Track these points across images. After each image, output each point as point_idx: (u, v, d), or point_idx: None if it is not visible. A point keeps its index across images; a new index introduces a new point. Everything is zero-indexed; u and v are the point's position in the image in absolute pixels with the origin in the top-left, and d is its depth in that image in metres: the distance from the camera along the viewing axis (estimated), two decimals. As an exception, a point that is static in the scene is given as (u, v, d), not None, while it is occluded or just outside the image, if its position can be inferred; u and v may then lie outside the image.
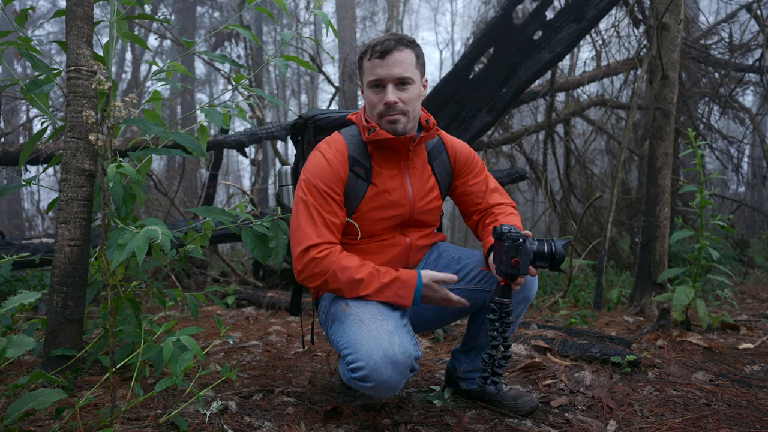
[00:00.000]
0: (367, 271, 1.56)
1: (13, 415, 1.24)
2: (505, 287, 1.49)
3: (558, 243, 1.48)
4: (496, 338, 1.50)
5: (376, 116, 1.65)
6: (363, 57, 1.66)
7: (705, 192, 2.84)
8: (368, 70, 1.63)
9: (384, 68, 1.60)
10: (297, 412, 1.72)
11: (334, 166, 1.63)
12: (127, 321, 1.93)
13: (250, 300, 4.08)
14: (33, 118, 6.06)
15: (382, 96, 1.62)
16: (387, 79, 1.60)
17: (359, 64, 1.70)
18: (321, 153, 1.66)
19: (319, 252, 1.57)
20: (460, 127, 3.86)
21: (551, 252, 1.47)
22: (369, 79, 1.63)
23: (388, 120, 1.63)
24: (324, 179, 1.62)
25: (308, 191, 1.62)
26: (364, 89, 1.69)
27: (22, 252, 3.36)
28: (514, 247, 1.43)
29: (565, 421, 1.73)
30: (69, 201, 1.86)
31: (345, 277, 1.54)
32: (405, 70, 1.61)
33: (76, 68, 1.86)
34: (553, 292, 4.77)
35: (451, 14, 23.03)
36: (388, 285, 1.55)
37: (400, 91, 1.62)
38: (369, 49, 1.63)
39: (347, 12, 8.08)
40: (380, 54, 1.59)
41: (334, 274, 1.55)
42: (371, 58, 1.61)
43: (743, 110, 6.07)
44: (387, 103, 1.60)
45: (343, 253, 1.60)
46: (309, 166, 1.66)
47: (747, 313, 3.73)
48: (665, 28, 3.55)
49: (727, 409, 1.82)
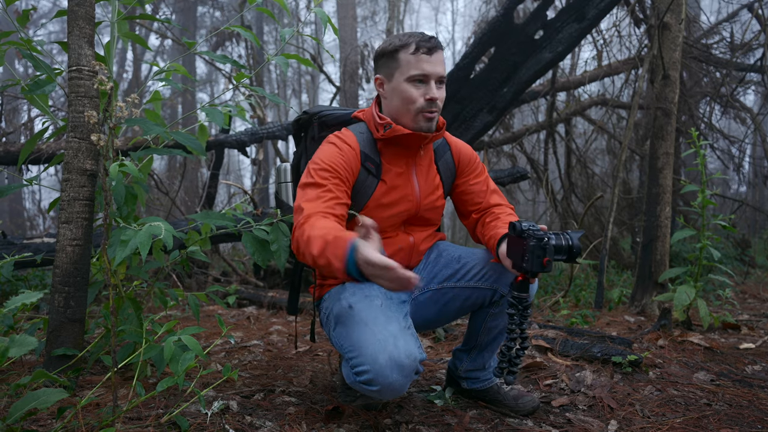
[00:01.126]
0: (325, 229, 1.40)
1: (15, 414, 1.24)
2: (523, 282, 1.51)
3: (574, 236, 1.49)
4: (514, 331, 1.52)
5: (413, 111, 1.62)
6: (399, 50, 1.62)
7: (706, 192, 2.83)
8: (411, 63, 1.60)
9: (431, 65, 1.60)
10: (298, 412, 1.72)
11: (347, 157, 1.62)
12: (128, 321, 1.93)
13: (251, 300, 4.08)
14: (34, 118, 6.07)
15: (425, 91, 1.61)
16: (432, 76, 1.60)
17: (391, 56, 1.63)
18: (334, 144, 1.64)
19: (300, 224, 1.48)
20: (461, 126, 3.86)
21: (569, 245, 1.48)
22: (413, 73, 1.60)
23: (426, 116, 1.62)
24: (333, 163, 1.58)
25: (314, 172, 1.57)
26: (393, 83, 1.64)
27: (23, 252, 3.36)
28: (540, 246, 1.43)
29: (566, 420, 1.73)
30: (71, 201, 1.86)
31: (306, 234, 1.41)
32: (444, 70, 1.64)
33: (77, 68, 1.86)
34: (554, 292, 4.77)
35: (452, 13, 23.03)
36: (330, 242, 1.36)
37: (439, 90, 1.63)
38: (412, 44, 1.60)
39: (348, 11, 8.08)
40: (428, 50, 1.59)
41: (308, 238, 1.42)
42: (416, 52, 1.60)
43: (744, 110, 6.07)
44: (431, 99, 1.60)
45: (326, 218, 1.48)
46: (320, 153, 1.62)
47: (748, 313, 3.73)
48: (666, 27, 3.55)
49: (729, 409, 1.82)
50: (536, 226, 1.47)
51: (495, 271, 1.69)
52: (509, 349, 1.53)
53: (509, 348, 1.53)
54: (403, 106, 1.64)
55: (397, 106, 1.65)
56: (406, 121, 1.64)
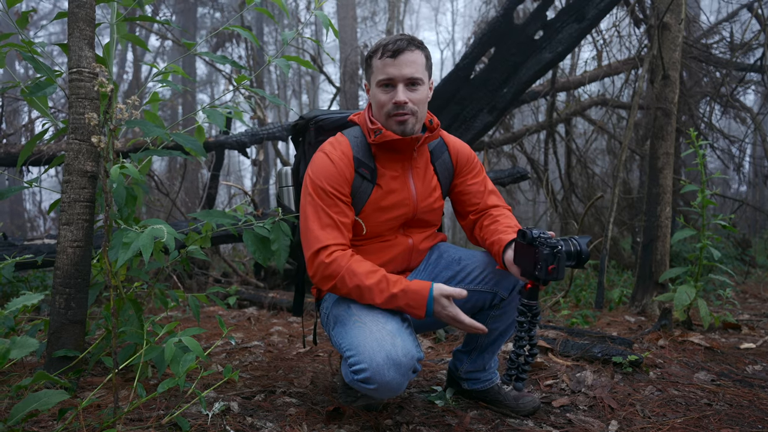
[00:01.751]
0: (376, 279, 1.52)
1: (16, 416, 1.24)
2: (533, 289, 1.50)
3: (582, 241, 1.49)
4: (523, 338, 1.51)
5: (384, 116, 1.64)
6: (373, 56, 1.65)
7: (706, 191, 2.83)
8: (378, 69, 1.62)
9: (395, 68, 1.59)
10: (299, 413, 1.72)
11: (340, 168, 1.62)
12: (129, 322, 1.93)
13: (252, 300, 4.09)
14: (35, 120, 6.07)
15: (392, 95, 1.61)
16: (398, 79, 1.60)
17: (367, 63, 1.68)
18: (326, 154, 1.65)
19: (328, 256, 1.55)
20: (461, 127, 3.86)
21: (578, 251, 1.48)
22: (379, 78, 1.62)
23: (397, 120, 1.62)
24: (330, 180, 1.61)
25: (315, 193, 1.61)
26: (371, 88, 1.68)
27: (24, 253, 3.36)
28: (553, 254, 1.43)
29: (567, 421, 1.73)
30: (71, 202, 1.86)
31: (353, 283, 1.52)
32: (416, 71, 1.61)
33: (78, 70, 1.87)
34: (554, 292, 4.77)
35: (451, 14, 23.02)
36: (398, 295, 1.51)
37: (410, 91, 1.61)
38: (380, 48, 1.62)
39: (348, 12, 8.09)
40: (392, 53, 1.59)
41: (342, 278, 1.53)
42: (382, 56, 1.60)
43: (744, 109, 6.06)
44: (397, 103, 1.60)
45: (354, 258, 1.57)
46: (314, 167, 1.64)
47: (749, 313, 3.73)
48: (666, 27, 3.55)
49: (729, 409, 1.82)
50: (546, 233, 1.47)
51: (495, 274, 1.69)
52: (518, 356, 1.52)
53: (518, 355, 1.52)
54: (377, 111, 1.66)
55: (375, 112, 1.67)
56: (386, 125, 1.66)
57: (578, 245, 1.48)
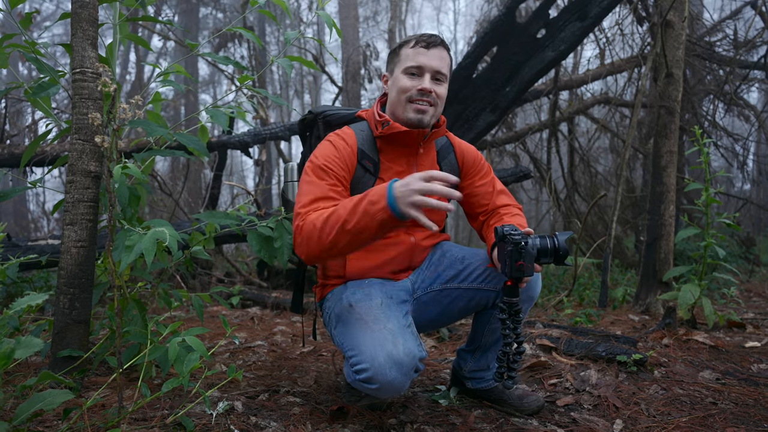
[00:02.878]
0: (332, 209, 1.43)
1: (21, 415, 1.24)
2: (512, 286, 1.50)
3: (561, 237, 1.49)
4: (509, 335, 1.51)
5: (404, 101, 1.65)
6: (404, 45, 1.68)
7: (710, 190, 2.82)
8: (409, 57, 1.65)
9: (427, 57, 1.63)
10: (303, 412, 1.72)
11: (342, 154, 1.63)
12: (133, 322, 1.94)
13: (255, 300, 4.09)
14: (38, 120, 6.08)
15: (418, 82, 1.63)
16: (427, 68, 1.63)
17: (394, 52, 1.71)
18: (330, 141, 1.66)
19: (302, 219, 1.49)
20: (463, 126, 3.85)
21: (555, 247, 1.48)
22: (408, 65, 1.64)
23: (417, 108, 1.64)
24: (329, 161, 1.60)
25: (313, 172, 1.59)
26: (393, 78, 1.69)
27: (28, 253, 3.37)
28: (517, 250, 1.43)
29: (571, 420, 1.73)
30: (75, 203, 1.87)
31: (319, 224, 1.42)
32: (444, 66, 1.66)
33: (81, 70, 1.87)
34: (558, 291, 4.76)
35: (453, 13, 22.98)
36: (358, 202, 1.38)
37: (435, 84, 1.65)
38: (413, 39, 1.66)
39: (350, 12, 8.09)
40: (426, 44, 1.63)
41: (309, 231, 1.44)
42: (415, 46, 1.64)
43: (748, 107, 6.04)
44: (423, 89, 1.62)
45: (317, 212, 1.48)
46: (317, 151, 1.65)
47: (753, 311, 3.72)
48: (669, 25, 3.54)
49: (734, 407, 1.82)
50: (518, 230, 1.47)
51: (498, 272, 1.69)
52: (505, 354, 1.52)
53: (505, 353, 1.51)
54: (397, 96, 1.67)
55: (393, 98, 1.68)
56: (399, 113, 1.67)
57: (555, 241, 1.48)
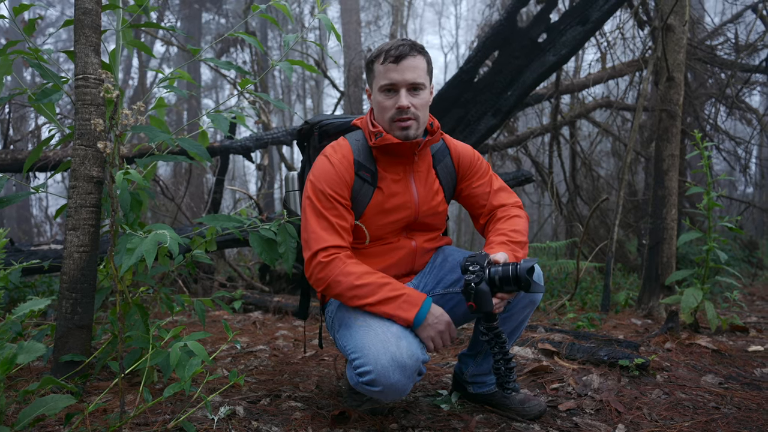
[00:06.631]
0: (370, 279, 1.53)
1: (23, 420, 1.25)
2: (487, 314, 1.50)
3: (522, 266, 1.44)
4: (497, 353, 1.55)
5: (387, 121, 1.64)
6: (374, 61, 1.66)
7: (712, 193, 2.82)
8: (381, 74, 1.63)
9: (398, 73, 1.60)
10: (304, 417, 1.72)
11: (340, 171, 1.64)
12: (135, 326, 1.94)
13: (257, 305, 4.09)
14: (41, 126, 6.12)
15: (395, 100, 1.61)
16: (400, 84, 1.61)
17: (369, 68, 1.69)
18: (326, 157, 1.66)
19: (326, 256, 1.56)
20: (465, 130, 3.86)
21: (515, 276, 1.44)
22: (382, 83, 1.63)
23: (400, 126, 1.63)
24: (330, 184, 1.62)
25: (315, 196, 1.62)
26: (373, 93, 1.69)
27: (31, 258, 3.39)
28: (467, 291, 1.45)
29: (573, 425, 1.73)
30: (78, 208, 1.88)
31: (346, 283, 1.53)
32: (418, 76, 1.62)
33: (84, 77, 1.88)
34: (560, 295, 4.75)
35: (455, 17, 23.03)
36: (393, 298, 1.52)
37: (413, 96, 1.62)
38: (382, 54, 1.62)
39: (352, 17, 8.12)
40: (395, 59, 1.60)
41: (336, 279, 1.54)
42: (384, 62, 1.61)
43: (750, 111, 6.04)
44: (400, 107, 1.60)
45: (351, 260, 1.58)
46: (315, 170, 1.66)
47: (756, 315, 3.70)
48: (670, 29, 3.54)
49: (737, 412, 1.81)
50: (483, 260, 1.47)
51: None
52: (497, 369, 1.56)
53: (497, 369, 1.56)
54: (380, 116, 1.67)
55: (378, 116, 1.68)
56: (387, 129, 1.66)
57: (516, 269, 1.44)
